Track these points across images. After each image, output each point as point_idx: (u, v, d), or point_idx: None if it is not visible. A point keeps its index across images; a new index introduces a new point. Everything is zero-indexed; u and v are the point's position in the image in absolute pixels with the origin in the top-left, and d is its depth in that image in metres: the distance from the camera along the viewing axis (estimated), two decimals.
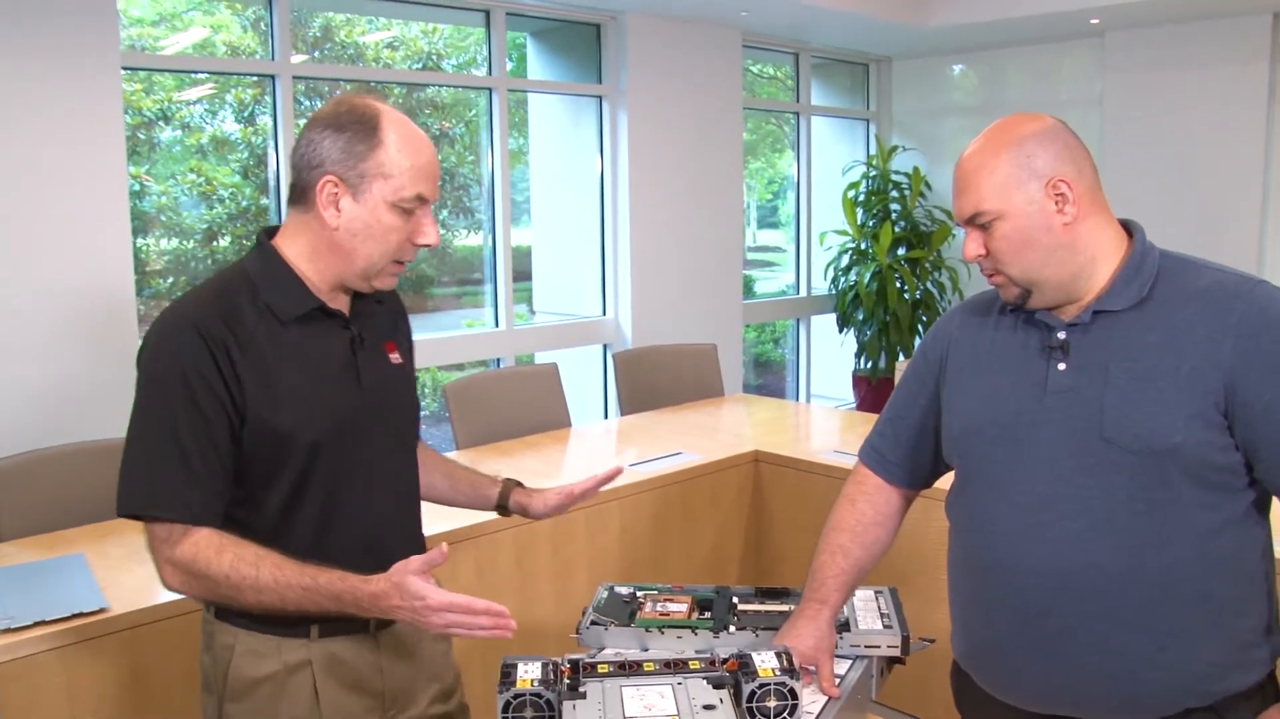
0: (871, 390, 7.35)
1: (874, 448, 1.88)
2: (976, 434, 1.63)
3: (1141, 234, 1.57)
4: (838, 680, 1.72)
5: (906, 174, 7.43)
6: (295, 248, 1.62)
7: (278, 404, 1.55)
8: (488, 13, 5.46)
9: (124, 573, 2.36)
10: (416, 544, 1.79)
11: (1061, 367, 1.54)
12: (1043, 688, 1.56)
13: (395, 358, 1.75)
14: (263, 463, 1.56)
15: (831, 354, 7.86)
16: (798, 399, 7.78)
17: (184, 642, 2.12)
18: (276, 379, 1.55)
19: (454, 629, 1.47)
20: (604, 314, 6.18)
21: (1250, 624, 1.52)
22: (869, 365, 7.35)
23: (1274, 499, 1.55)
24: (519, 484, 1.99)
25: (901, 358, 7.15)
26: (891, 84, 8.01)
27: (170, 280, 4.93)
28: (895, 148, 7.58)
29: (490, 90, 5.54)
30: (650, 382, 4.44)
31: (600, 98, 6.04)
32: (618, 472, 1.95)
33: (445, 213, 5.74)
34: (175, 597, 2.10)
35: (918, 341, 7.32)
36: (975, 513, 1.63)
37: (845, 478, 3.36)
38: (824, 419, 4.41)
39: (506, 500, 1.96)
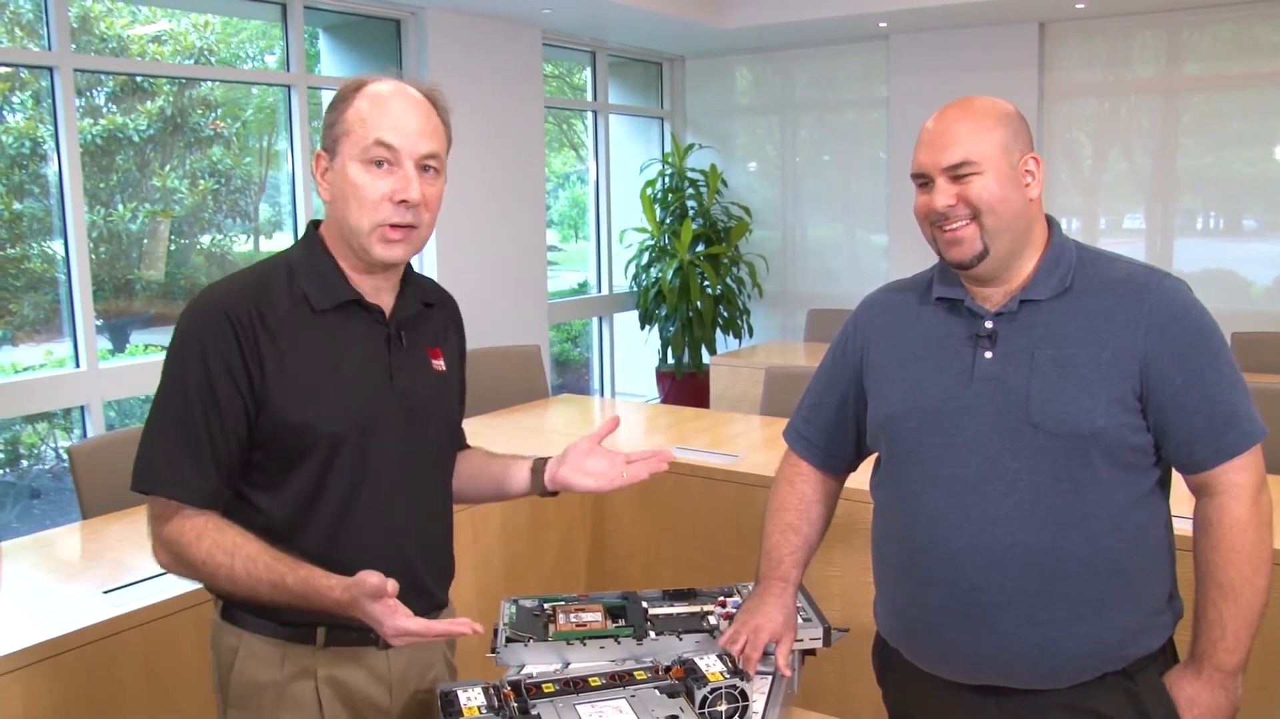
0: (677, 385, 7.45)
1: (800, 434, 1.91)
2: (904, 420, 1.66)
3: (1059, 226, 1.66)
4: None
5: (702, 171, 7.56)
6: (329, 235, 1.59)
7: (297, 393, 1.49)
8: (284, 6, 5.21)
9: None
10: (441, 564, 1.72)
11: (989, 355, 1.60)
12: (973, 660, 1.61)
13: (439, 364, 1.69)
14: (281, 452, 1.51)
15: (632, 351, 7.92)
16: (602, 397, 7.79)
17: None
18: (300, 367, 1.50)
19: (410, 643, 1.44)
20: None
21: (1157, 592, 1.62)
22: (674, 361, 7.45)
23: (1173, 477, 1.66)
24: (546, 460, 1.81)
25: (706, 353, 7.28)
26: (685, 83, 8.14)
27: None
28: (691, 145, 7.70)
29: (289, 87, 5.28)
30: (475, 386, 4.32)
31: None
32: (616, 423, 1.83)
33: (221, 216, 5.40)
34: (127, 610, 2.17)
35: (720, 336, 7.47)
36: (904, 495, 1.67)
37: (693, 475, 3.36)
38: (658, 417, 4.41)
39: (541, 477, 1.78)
